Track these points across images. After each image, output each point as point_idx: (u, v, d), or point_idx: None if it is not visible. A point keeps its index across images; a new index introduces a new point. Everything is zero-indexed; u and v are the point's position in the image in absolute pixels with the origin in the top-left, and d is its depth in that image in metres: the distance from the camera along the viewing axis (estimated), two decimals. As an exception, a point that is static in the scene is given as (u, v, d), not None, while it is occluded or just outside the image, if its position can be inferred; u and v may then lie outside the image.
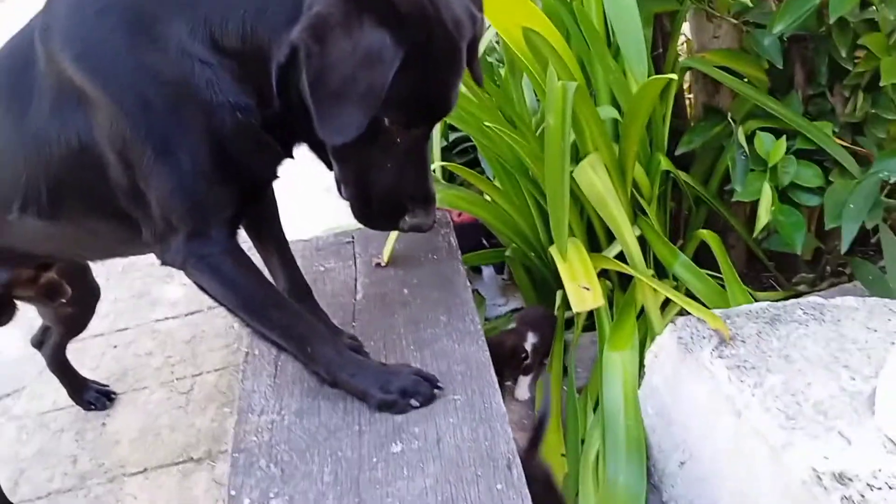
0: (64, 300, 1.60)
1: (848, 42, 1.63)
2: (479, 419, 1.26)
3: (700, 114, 1.94)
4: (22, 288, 1.54)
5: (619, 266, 1.61)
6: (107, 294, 2.27)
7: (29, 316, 1.89)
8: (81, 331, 1.98)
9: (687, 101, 2.13)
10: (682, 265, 1.63)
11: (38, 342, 2.02)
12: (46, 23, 1.13)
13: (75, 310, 1.79)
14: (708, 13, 1.77)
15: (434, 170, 2.10)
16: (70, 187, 1.22)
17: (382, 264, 1.75)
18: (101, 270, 1.88)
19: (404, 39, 0.99)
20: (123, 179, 1.15)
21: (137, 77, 1.07)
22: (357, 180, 1.15)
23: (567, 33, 1.75)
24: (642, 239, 1.72)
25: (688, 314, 1.37)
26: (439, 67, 1.06)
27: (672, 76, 1.51)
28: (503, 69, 2.03)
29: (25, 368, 2.30)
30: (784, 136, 1.70)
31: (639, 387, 1.46)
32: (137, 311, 2.51)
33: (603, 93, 1.75)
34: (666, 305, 1.70)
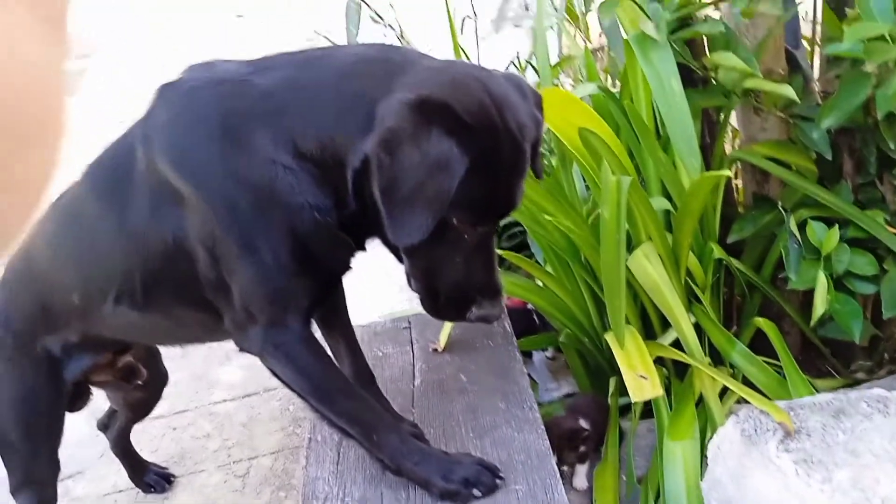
0: (140, 382, 1.66)
1: (896, 134, 1.67)
2: (542, 510, 1.27)
3: (750, 202, 1.98)
4: (101, 373, 1.60)
5: (676, 354, 1.63)
6: (167, 376, 2.33)
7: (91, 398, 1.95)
8: (147, 415, 2.03)
9: (734, 187, 2.17)
10: (740, 353, 1.64)
11: (104, 425, 2.08)
12: (147, 131, 1.23)
13: (144, 394, 1.85)
14: (755, 107, 1.82)
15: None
16: (162, 280, 1.31)
17: (439, 350, 1.79)
18: (162, 353, 1.96)
19: (470, 147, 1.06)
20: (211, 272, 1.23)
21: (227, 181, 1.17)
22: (426, 275, 1.21)
23: (616, 126, 1.82)
24: (697, 326, 1.74)
25: (746, 403, 1.37)
26: (504, 170, 1.13)
27: (727, 173, 1.56)
28: (554, 158, 2.10)
29: (87, 451, 2.36)
30: (836, 225, 1.72)
31: (701, 478, 1.45)
32: (196, 394, 2.57)
33: (654, 183, 1.80)
34: (723, 394, 1.70)
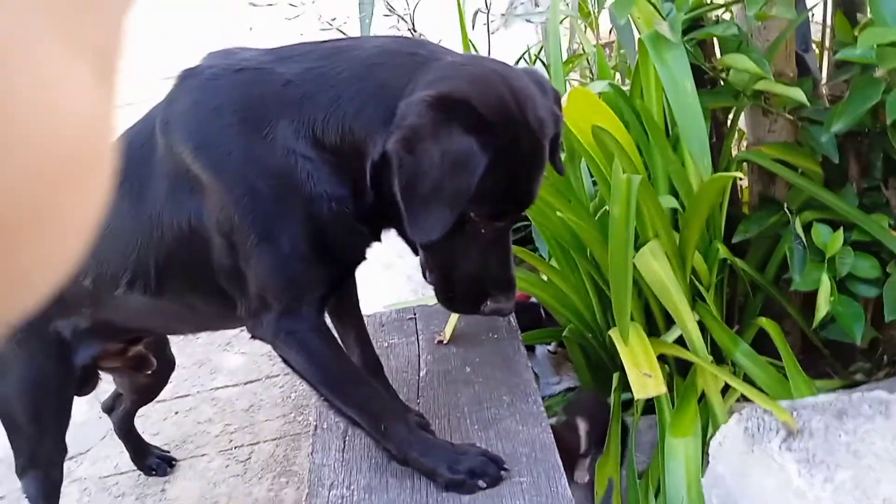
0: (149, 372, 1.66)
1: (904, 140, 1.68)
2: (546, 502, 1.28)
3: (756, 203, 1.99)
4: (110, 360, 1.61)
5: (681, 352, 1.65)
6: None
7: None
8: (153, 399, 2.04)
9: (738, 187, 2.18)
10: (743, 353, 1.65)
11: (109, 408, 2.09)
12: (167, 116, 1.24)
13: (151, 380, 1.85)
14: (764, 109, 1.84)
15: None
16: (177, 266, 1.31)
17: (444, 342, 1.80)
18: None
19: (490, 144, 1.07)
20: (226, 260, 1.24)
21: (247, 169, 1.18)
22: (442, 268, 1.22)
23: (626, 123, 1.83)
24: (700, 325, 1.75)
25: (747, 401, 1.39)
26: (523, 166, 1.14)
27: (738, 174, 1.57)
28: (562, 153, 2.11)
29: (90, 432, 2.38)
30: (841, 228, 1.74)
31: (702, 474, 1.48)
32: (198, 379, 2.58)
33: (661, 181, 1.82)
34: (724, 391, 1.72)
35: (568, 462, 1.75)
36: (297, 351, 1.28)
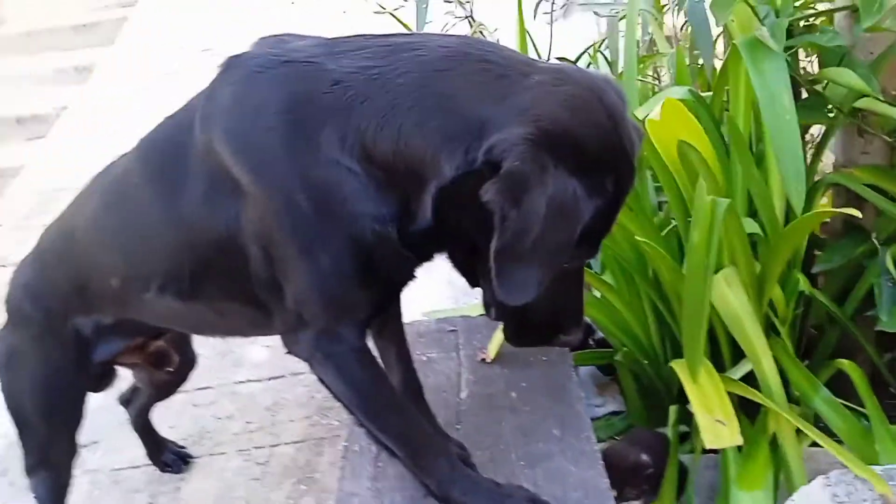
0: (171, 369, 1.57)
1: None
2: (600, 559, 1.15)
3: (839, 230, 1.82)
4: (130, 356, 1.51)
5: (753, 394, 1.48)
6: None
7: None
8: (171, 395, 1.94)
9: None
10: (824, 400, 1.49)
11: (126, 401, 1.99)
12: (208, 111, 1.12)
13: (171, 376, 1.75)
14: (860, 128, 1.66)
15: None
16: (212, 271, 1.21)
17: (488, 360, 1.66)
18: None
19: (597, 188, 0.95)
20: (263, 270, 1.13)
21: (289, 178, 1.05)
22: (516, 307, 1.07)
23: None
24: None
25: (815, 445, 1.24)
26: (622, 200, 1.01)
27: (854, 211, 1.42)
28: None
29: (103, 420, 2.25)
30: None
31: (774, 536, 1.32)
32: (220, 371, 2.46)
33: (740, 201, 1.65)
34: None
35: (633, 480, 1.61)
36: (335, 374, 1.18)
